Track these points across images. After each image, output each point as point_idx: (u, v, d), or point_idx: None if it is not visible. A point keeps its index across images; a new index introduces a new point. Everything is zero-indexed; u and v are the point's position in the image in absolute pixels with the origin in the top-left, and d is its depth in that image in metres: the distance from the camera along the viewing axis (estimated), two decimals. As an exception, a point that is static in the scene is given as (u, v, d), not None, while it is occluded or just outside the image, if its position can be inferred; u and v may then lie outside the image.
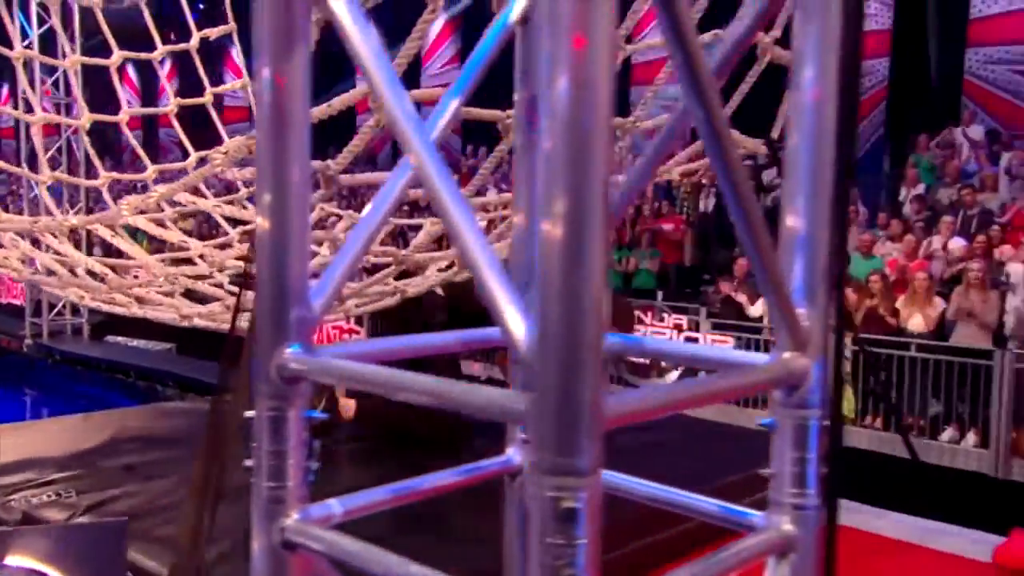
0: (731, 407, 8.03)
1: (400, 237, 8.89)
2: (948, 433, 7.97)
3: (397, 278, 3.97)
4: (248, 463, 1.06)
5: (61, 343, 13.39)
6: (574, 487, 0.79)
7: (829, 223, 1.06)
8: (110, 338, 13.30)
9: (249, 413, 1.05)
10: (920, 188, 10.49)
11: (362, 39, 1.01)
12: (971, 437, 7.78)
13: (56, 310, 13.36)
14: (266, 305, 1.04)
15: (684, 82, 0.92)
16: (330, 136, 5.01)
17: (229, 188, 8.32)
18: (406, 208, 9.84)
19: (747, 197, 0.99)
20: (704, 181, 12.15)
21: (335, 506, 1.09)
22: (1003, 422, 7.37)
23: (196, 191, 3.92)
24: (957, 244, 8.93)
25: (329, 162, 2.59)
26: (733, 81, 3.76)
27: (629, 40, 3.40)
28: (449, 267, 4.02)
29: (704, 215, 11.75)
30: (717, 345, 8.79)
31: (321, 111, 2.50)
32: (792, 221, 1.08)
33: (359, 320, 11.07)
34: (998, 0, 12.17)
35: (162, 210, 3.50)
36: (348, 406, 3.64)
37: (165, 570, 2.87)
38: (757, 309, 9.35)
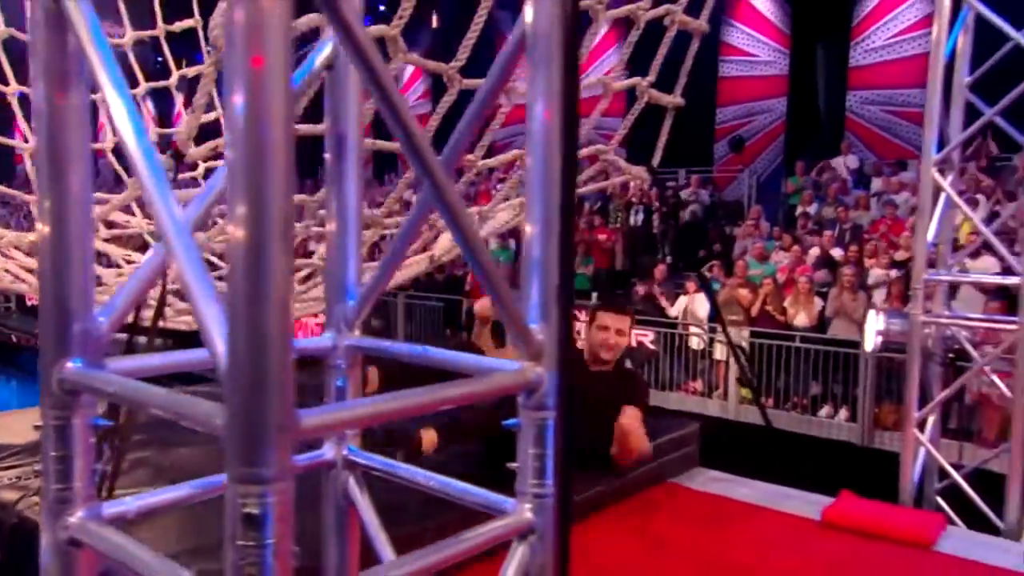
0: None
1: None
2: (825, 410, 8.04)
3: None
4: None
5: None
6: (259, 494, 0.73)
7: (558, 251, 1.02)
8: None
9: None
10: (812, 207, 10.57)
11: (103, 67, 0.93)
12: (843, 413, 7.87)
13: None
14: (47, 318, 0.96)
15: (397, 134, 0.87)
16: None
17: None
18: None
19: (471, 236, 0.94)
20: (633, 199, 12.22)
21: (130, 503, 1.03)
22: (868, 400, 7.48)
23: (128, 210, 3.72)
24: (835, 253, 9.02)
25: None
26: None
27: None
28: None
29: (632, 228, 11.83)
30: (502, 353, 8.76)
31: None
32: (529, 247, 1.03)
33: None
34: (871, 53, 12.36)
35: (96, 230, 3.35)
36: (430, 439, 2.88)
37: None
38: (675, 309, 9.38)
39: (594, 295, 10.63)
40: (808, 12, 13.46)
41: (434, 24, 16.08)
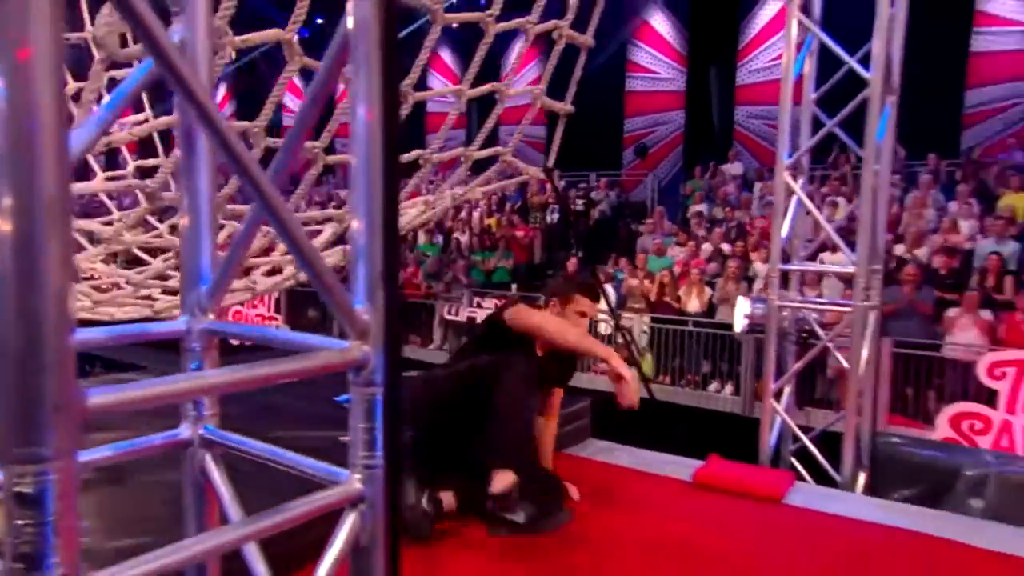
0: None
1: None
2: (714, 385, 8.22)
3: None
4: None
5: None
6: (35, 473, 0.68)
7: (382, 241, 0.98)
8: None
9: None
10: (702, 207, 10.80)
11: None
12: (728, 387, 8.07)
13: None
14: None
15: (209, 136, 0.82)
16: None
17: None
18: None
19: (291, 228, 0.90)
20: (549, 200, 12.27)
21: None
22: (749, 376, 7.68)
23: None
24: (723, 248, 9.24)
25: (147, 181, 2.35)
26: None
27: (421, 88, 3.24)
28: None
29: (549, 225, 11.88)
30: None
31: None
32: (355, 238, 1.00)
33: (278, 308, 10.68)
34: (755, 73, 12.73)
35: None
36: (506, 480, 2.42)
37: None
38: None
39: (513, 286, 10.67)
40: (702, 36, 13.81)
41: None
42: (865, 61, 3.88)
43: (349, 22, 0.96)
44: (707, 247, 9.42)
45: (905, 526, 2.78)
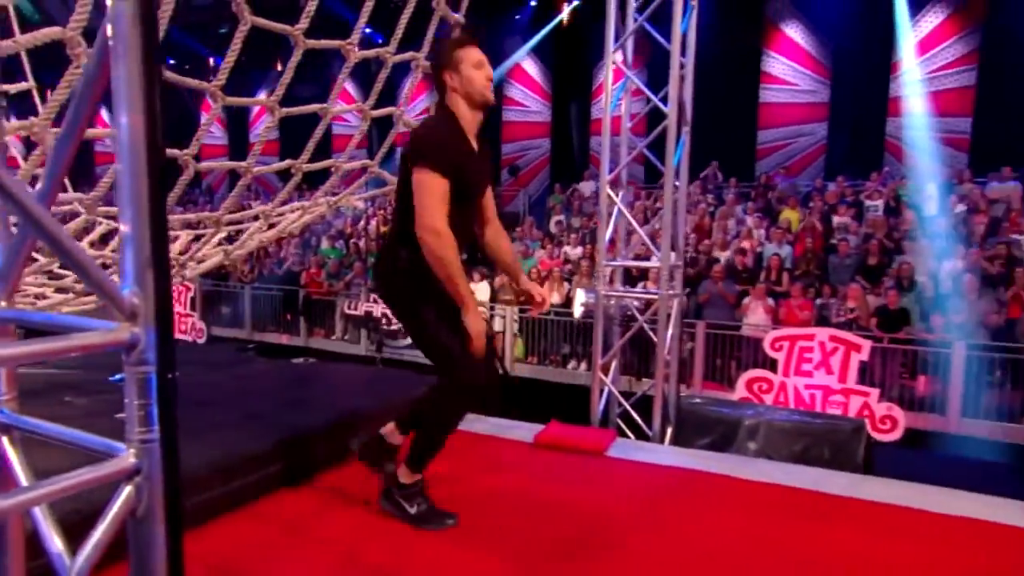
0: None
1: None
2: (572, 364, 8.38)
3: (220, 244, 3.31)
4: None
5: None
6: None
7: (149, 227, 0.87)
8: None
9: None
10: (561, 217, 11.01)
11: None
12: (583, 365, 8.24)
13: None
14: None
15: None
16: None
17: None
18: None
19: (57, 239, 0.78)
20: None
21: None
22: (599, 354, 7.84)
23: None
24: (576, 251, 9.46)
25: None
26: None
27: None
28: (271, 227, 3.40)
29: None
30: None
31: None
32: (124, 226, 0.88)
33: (193, 305, 9.96)
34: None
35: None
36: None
37: None
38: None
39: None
40: (564, 77, 14.14)
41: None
42: (666, 100, 4.05)
43: (108, 29, 0.85)
44: (566, 250, 9.62)
45: (698, 467, 2.91)
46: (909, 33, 10.76)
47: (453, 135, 2.10)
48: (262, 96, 2.77)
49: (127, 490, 0.90)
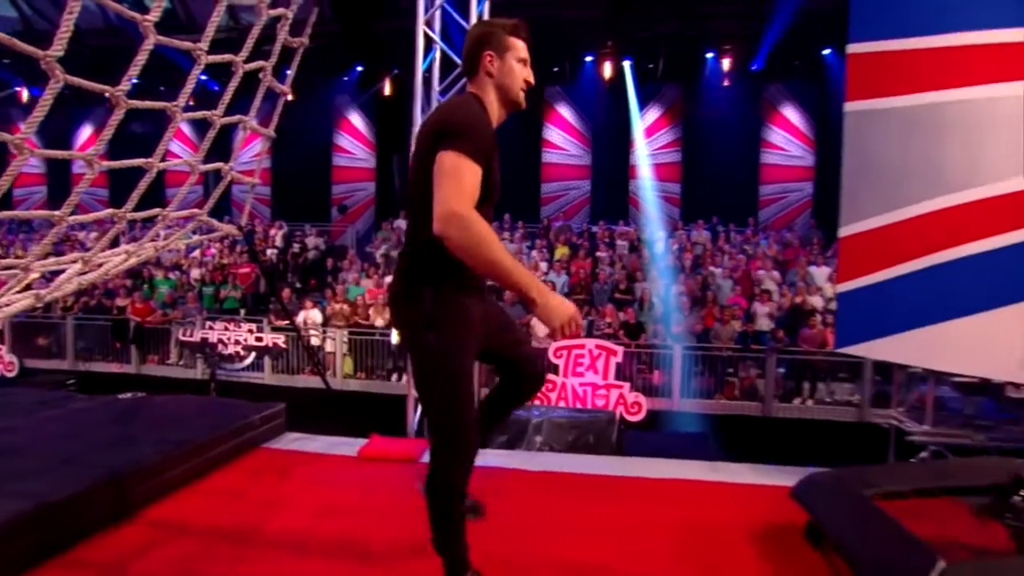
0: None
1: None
2: (394, 377, 8.20)
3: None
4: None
5: None
6: None
7: None
8: None
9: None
10: (384, 249, 10.86)
11: None
12: (405, 377, 7.98)
13: None
14: None
15: None
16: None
17: None
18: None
19: None
20: (271, 243, 11.22)
21: None
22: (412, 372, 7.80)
23: None
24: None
25: None
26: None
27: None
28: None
29: (270, 262, 10.87)
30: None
31: None
32: None
33: (1, 338, 7.94)
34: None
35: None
36: None
37: None
38: (299, 318, 8.78)
39: (242, 311, 9.54)
40: (386, 130, 14.01)
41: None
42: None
43: None
44: (388, 279, 9.49)
45: (498, 464, 3.02)
46: (639, 121, 12.89)
47: (488, 122, 1.51)
48: (86, 130, 2.33)
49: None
